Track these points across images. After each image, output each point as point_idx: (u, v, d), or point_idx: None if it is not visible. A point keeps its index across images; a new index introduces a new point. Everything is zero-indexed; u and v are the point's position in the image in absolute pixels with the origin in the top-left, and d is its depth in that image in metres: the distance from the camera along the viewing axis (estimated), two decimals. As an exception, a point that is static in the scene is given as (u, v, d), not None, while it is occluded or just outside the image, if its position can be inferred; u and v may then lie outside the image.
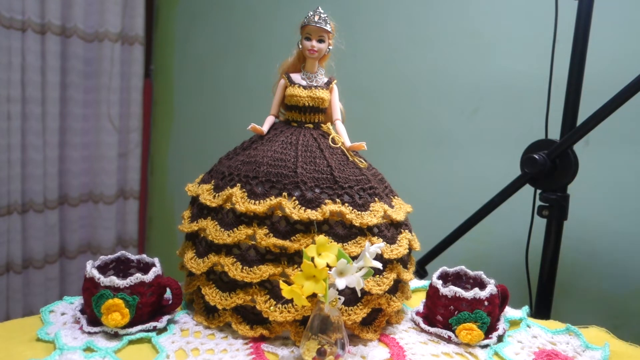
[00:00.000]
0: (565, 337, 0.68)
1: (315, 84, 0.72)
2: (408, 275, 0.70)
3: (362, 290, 0.58)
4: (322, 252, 0.56)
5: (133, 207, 1.88)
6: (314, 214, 0.61)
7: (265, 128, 0.71)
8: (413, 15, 1.35)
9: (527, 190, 0.96)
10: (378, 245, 0.58)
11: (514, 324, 0.72)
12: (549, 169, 0.90)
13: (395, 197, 0.74)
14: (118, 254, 0.71)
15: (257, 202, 0.63)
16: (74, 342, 0.58)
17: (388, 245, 0.65)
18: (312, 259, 0.55)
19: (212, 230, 0.64)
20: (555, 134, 0.94)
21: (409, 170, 1.37)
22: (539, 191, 0.93)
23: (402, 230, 0.70)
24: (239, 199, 0.63)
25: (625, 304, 1.11)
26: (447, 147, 1.32)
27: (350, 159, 0.69)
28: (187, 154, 1.89)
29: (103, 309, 0.60)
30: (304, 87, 0.71)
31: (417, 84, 1.35)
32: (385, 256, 0.64)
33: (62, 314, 0.66)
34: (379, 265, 0.57)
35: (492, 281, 0.71)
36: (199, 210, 0.69)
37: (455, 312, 0.66)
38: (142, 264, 0.71)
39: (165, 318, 0.65)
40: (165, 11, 1.89)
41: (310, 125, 0.72)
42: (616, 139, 1.09)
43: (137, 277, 0.62)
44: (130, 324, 0.61)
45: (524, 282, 1.02)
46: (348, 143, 0.70)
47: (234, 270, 0.62)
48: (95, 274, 0.62)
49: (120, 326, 0.60)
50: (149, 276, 0.63)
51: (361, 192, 0.66)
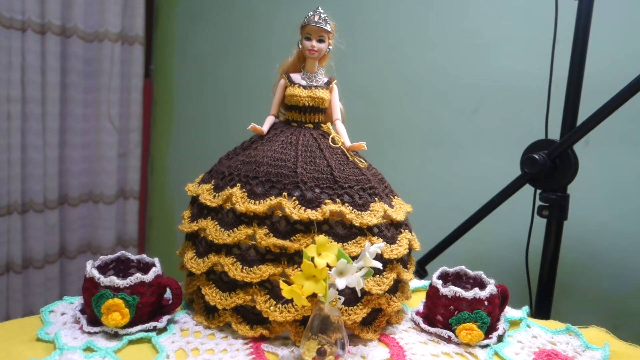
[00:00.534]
0: (565, 337, 0.68)
1: (315, 84, 0.72)
2: (408, 275, 0.69)
3: (362, 290, 0.58)
4: (322, 252, 0.56)
5: (133, 207, 1.88)
6: (314, 214, 0.61)
7: (265, 128, 0.71)
8: (413, 15, 1.35)
9: (527, 190, 0.96)
10: (378, 245, 0.58)
11: (514, 324, 0.72)
12: (549, 169, 0.90)
13: (395, 197, 0.73)
14: (118, 254, 0.71)
15: (257, 202, 0.63)
16: (74, 342, 0.58)
17: (388, 245, 0.65)
18: (312, 259, 0.55)
19: (212, 230, 0.64)
20: (555, 134, 0.94)
21: (409, 170, 1.37)
22: (539, 191, 0.93)
23: (402, 230, 0.70)
24: (239, 199, 0.63)
25: (625, 304, 1.11)
26: (447, 147, 1.32)
27: (350, 159, 0.69)
28: (187, 154, 1.89)
29: (103, 309, 0.60)
30: (304, 87, 0.71)
31: (417, 84, 1.35)
32: (385, 256, 0.64)
33: (62, 314, 0.66)
34: (379, 265, 0.57)
35: (492, 281, 0.71)
36: (199, 210, 0.69)
37: (455, 312, 0.66)
38: (142, 264, 0.71)
39: (165, 318, 0.65)
40: (165, 11, 1.89)
41: (310, 125, 0.72)
42: (616, 139, 1.09)
43: (137, 277, 0.62)
44: (130, 324, 0.61)
45: (524, 282, 1.02)
46: (348, 143, 0.70)
47: (234, 270, 0.62)
48: (95, 274, 0.62)
49: (120, 326, 0.60)
50: (149, 276, 0.63)
51: (361, 192, 0.66)
